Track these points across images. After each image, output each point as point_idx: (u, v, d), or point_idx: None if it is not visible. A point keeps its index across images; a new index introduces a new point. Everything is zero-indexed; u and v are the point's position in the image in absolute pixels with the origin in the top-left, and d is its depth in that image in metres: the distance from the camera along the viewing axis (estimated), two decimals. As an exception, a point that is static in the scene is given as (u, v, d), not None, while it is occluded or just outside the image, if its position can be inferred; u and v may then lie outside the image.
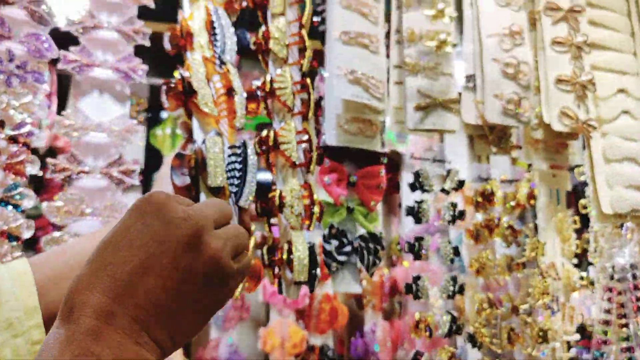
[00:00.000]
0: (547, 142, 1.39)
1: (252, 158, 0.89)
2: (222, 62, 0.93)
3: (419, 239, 1.19)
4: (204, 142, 0.85)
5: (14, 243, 1.01)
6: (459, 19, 1.30)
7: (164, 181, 0.85)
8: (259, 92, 0.96)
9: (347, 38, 1.14)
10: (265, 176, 0.93)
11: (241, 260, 0.52)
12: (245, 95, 0.93)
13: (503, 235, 1.26)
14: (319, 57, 1.14)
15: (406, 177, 1.67)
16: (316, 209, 0.98)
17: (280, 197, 0.93)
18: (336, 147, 1.16)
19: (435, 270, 1.23)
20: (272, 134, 0.96)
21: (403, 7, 1.27)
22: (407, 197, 1.47)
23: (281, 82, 0.98)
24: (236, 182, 0.87)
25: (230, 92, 0.91)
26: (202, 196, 0.85)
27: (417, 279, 1.18)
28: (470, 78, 1.28)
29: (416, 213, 1.18)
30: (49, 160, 1.04)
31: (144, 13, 1.19)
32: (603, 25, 1.35)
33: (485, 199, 1.26)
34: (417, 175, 1.20)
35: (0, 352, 0.64)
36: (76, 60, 1.08)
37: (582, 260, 1.55)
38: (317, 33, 1.21)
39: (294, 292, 0.96)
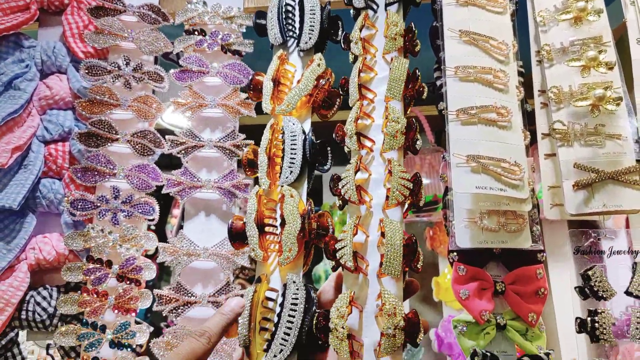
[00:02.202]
0: None
1: (289, 301, 0.80)
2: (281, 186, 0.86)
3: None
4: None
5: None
6: (623, 63, 0.99)
7: None
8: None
9: (466, 116, 0.93)
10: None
11: None
12: (298, 224, 0.83)
13: None
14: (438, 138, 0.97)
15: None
16: (386, 325, 0.78)
17: (322, 319, 0.78)
18: (473, 249, 0.93)
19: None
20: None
21: (544, 62, 1.02)
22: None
23: (342, 240, 0.86)
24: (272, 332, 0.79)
25: (283, 223, 0.80)
26: None
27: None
28: (650, 137, 0.96)
29: (592, 330, 0.89)
30: (155, 291, 0.99)
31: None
32: None
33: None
34: (586, 277, 0.91)
35: None
36: (180, 183, 1.04)
37: None
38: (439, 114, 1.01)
39: None
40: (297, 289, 0.80)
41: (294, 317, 0.78)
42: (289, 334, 0.77)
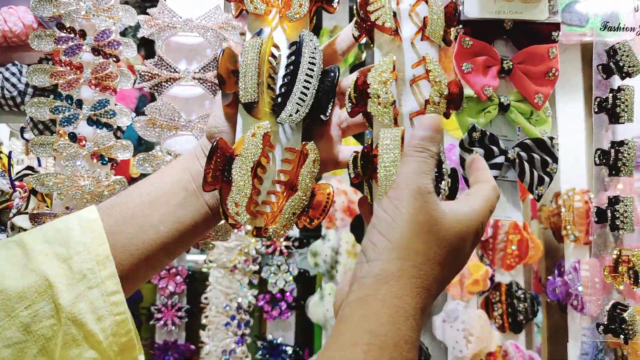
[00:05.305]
0: None
1: (307, 57, 0.70)
2: None
3: (618, 144, 0.82)
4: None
5: (107, 164, 0.92)
6: None
7: (217, 100, 0.74)
8: None
9: None
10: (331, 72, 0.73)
11: None
12: None
13: None
14: None
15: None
16: (433, 92, 0.70)
17: (362, 85, 0.68)
18: (481, 20, 0.84)
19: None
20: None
21: None
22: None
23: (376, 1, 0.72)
24: (283, 90, 0.70)
25: None
26: (239, 117, 0.71)
27: (614, 202, 0.82)
28: None
29: (611, 108, 0.82)
30: (136, 67, 0.91)
31: None
32: None
33: None
34: (612, 52, 0.82)
35: (75, 306, 0.62)
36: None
37: None
38: None
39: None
40: (315, 48, 0.71)
41: (312, 76, 0.70)
42: (306, 94, 0.69)
